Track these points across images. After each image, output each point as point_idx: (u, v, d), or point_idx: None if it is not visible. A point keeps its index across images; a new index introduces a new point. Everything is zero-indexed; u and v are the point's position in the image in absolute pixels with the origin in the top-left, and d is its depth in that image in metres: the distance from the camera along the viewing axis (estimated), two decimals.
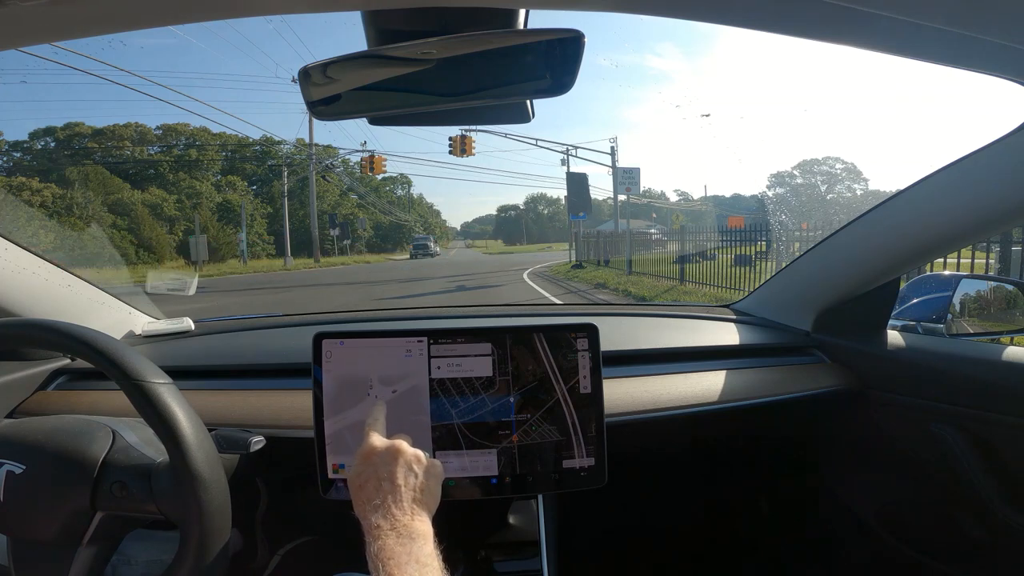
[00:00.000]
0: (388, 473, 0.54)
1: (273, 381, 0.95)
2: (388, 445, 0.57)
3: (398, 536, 0.49)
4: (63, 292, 0.98)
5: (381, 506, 0.52)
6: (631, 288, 9.10)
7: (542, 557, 0.81)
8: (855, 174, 41.81)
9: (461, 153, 13.31)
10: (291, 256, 22.76)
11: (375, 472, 0.55)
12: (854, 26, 0.48)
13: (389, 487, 0.53)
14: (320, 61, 0.58)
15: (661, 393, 0.92)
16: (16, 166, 28.09)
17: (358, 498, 0.54)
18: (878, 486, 1.10)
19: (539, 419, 0.74)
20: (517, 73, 0.59)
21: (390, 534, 0.49)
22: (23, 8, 0.42)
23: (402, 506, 0.52)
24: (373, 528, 0.50)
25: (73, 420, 0.66)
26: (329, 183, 35.32)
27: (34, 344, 0.65)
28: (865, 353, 1.04)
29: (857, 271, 1.00)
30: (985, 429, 0.89)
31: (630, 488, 1.15)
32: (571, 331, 0.76)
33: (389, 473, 0.54)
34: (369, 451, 0.57)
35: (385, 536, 0.49)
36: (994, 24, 0.45)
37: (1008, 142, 0.70)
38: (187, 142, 32.66)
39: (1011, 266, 4.34)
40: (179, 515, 0.58)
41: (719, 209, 41.92)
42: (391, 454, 0.56)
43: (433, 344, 0.73)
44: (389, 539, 0.48)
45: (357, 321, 1.25)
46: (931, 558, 1.00)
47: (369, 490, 0.53)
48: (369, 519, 0.51)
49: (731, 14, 0.49)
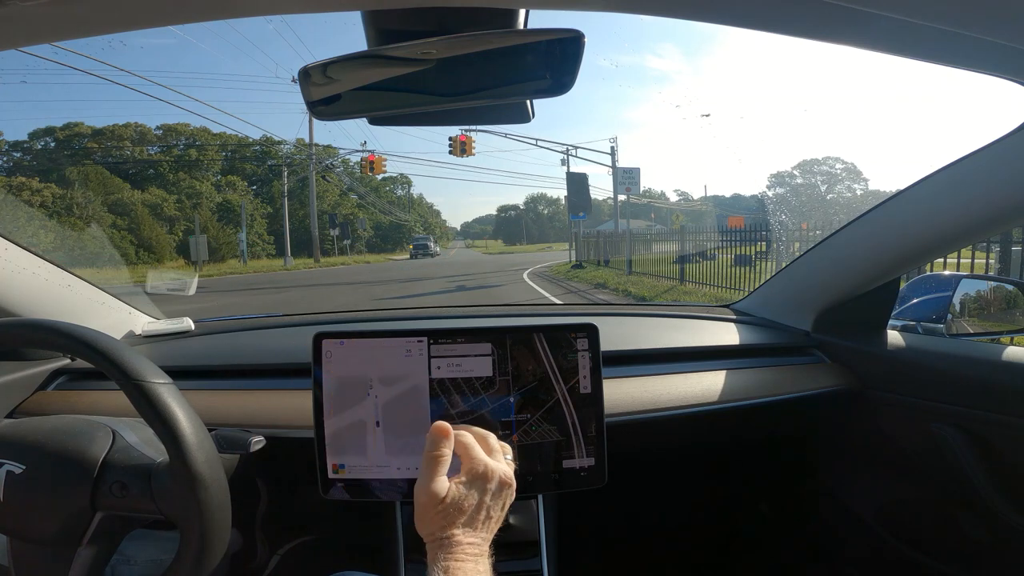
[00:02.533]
0: (496, 504, 0.55)
1: (273, 381, 0.95)
2: (504, 473, 0.56)
3: (476, 559, 0.50)
4: (63, 292, 0.98)
5: (472, 532, 0.52)
6: (631, 288, 9.10)
7: (542, 557, 0.81)
8: (855, 174, 41.84)
9: (461, 153, 13.29)
10: (291, 256, 22.76)
11: (483, 498, 0.54)
12: (854, 26, 0.48)
13: (486, 517, 0.53)
14: (320, 61, 0.58)
15: (661, 393, 0.92)
16: (16, 166, 28.10)
17: (453, 517, 0.52)
18: (878, 486, 1.10)
19: (539, 419, 0.74)
20: (517, 73, 0.59)
21: (468, 556, 0.50)
22: (23, 8, 0.42)
23: (487, 535, 0.53)
24: (454, 546, 0.50)
25: (73, 420, 0.66)
26: (329, 183, 35.34)
27: (34, 344, 0.64)
28: (865, 353, 1.04)
29: (857, 271, 1.00)
30: (985, 429, 0.89)
31: (630, 488, 1.15)
32: (571, 331, 0.76)
33: (496, 505, 0.55)
34: (485, 475, 0.55)
35: (465, 557, 0.49)
36: (994, 24, 0.45)
37: (1008, 142, 0.70)
38: (187, 142, 32.67)
39: (1011, 266, 4.34)
40: (179, 515, 0.58)
41: (719, 209, 41.94)
42: (503, 484, 0.56)
43: (433, 344, 0.73)
44: (468, 562, 0.49)
45: (357, 321, 1.25)
46: (931, 558, 1.00)
47: (468, 515, 0.53)
48: (455, 540, 0.51)
49: (731, 14, 0.49)
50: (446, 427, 0.57)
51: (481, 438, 0.59)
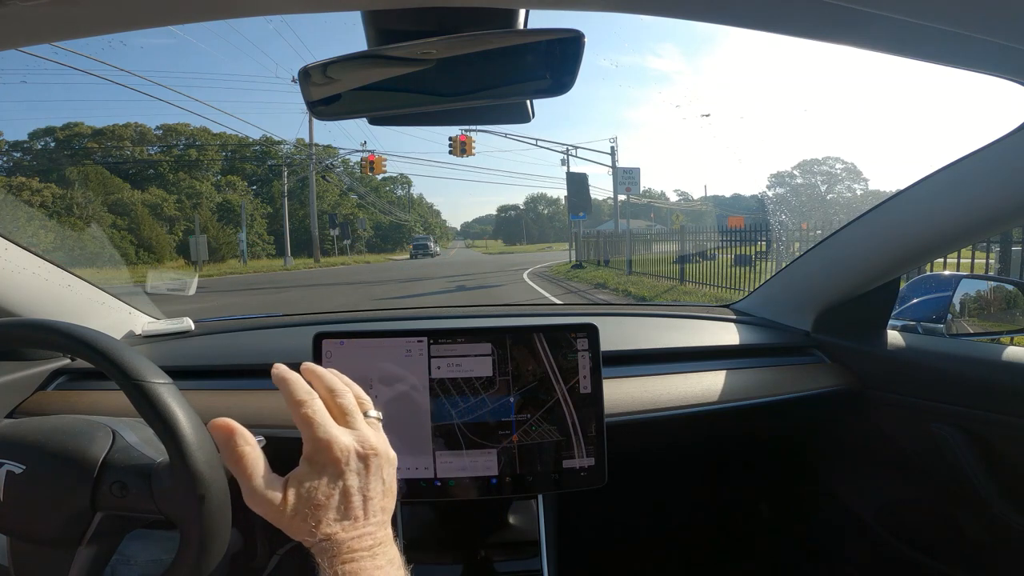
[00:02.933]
0: (368, 479, 0.44)
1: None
2: (359, 443, 0.44)
3: (371, 553, 0.42)
4: (63, 292, 0.98)
5: (350, 520, 0.42)
6: (631, 288, 9.11)
7: (542, 557, 0.81)
8: (855, 174, 41.86)
9: (461, 153, 13.30)
10: (291, 256, 22.77)
11: (343, 479, 0.43)
12: (854, 26, 0.48)
13: (363, 498, 0.43)
14: (320, 61, 0.58)
15: (661, 393, 0.92)
16: (16, 166, 28.12)
17: (304, 514, 0.42)
18: (878, 486, 1.10)
19: (539, 419, 0.74)
20: (517, 73, 0.59)
21: (358, 553, 0.41)
22: (23, 8, 0.42)
23: (375, 515, 0.44)
24: (337, 547, 0.41)
25: (73, 420, 0.66)
26: (329, 183, 35.37)
27: (34, 344, 0.64)
28: (865, 353, 1.04)
29: (857, 271, 1.00)
30: (985, 429, 0.89)
31: (630, 488, 1.15)
32: (571, 331, 0.76)
33: (369, 478, 0.44)
34: (332, 453, 0.43)
35: (354, 556, 0.41)
36: (994, 24, 0.45)
37: (1008, 142, 0.70)
38: (187, 142, 32.70)
39: (1011, 266, 4.34)
40: (179, 515, 0.58)
41: (719, 209, 42.00)
42: (362, 455, 0.44)
43: (433, 344, 0.73)
44: (363, 560, 0.41)
45: (357, 321, 1.25)
46: (931, 558, 1.00)
47: (331, 502, 0.42)
48: (332, 535, 0.41)
49: (731, 14, 0.49)
50: (224, 422, 0.46)
51: (330, 397, 0.47)
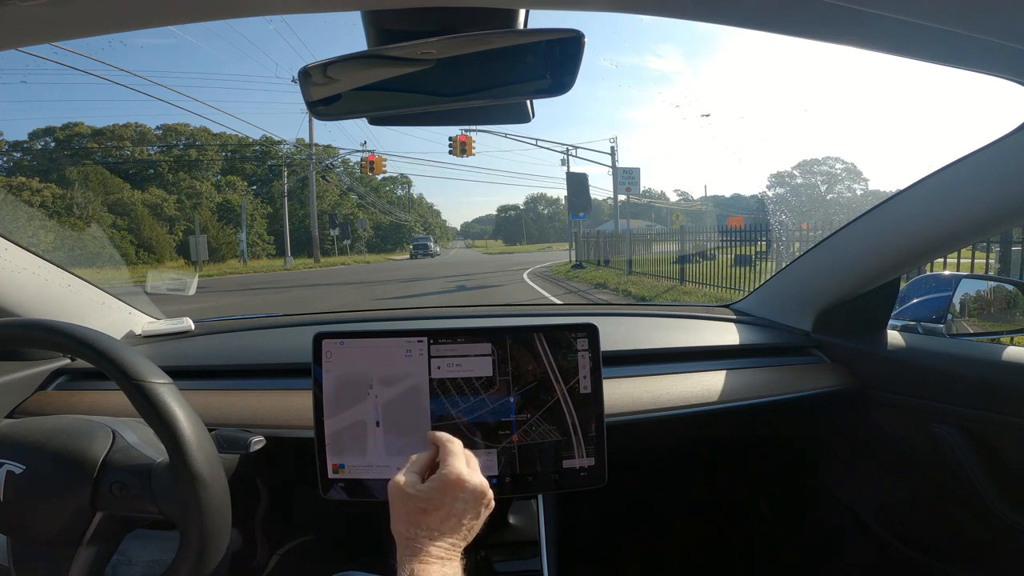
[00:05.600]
0: (466, 513, 0.54)
1: (273, 381, 0.95)
2: (478, 485, 0.56)
3: (442, 562, 0.50)
4: (63, 292, 0.98)
5: (440, 536, 0.52)
6: (631, 288, 9.10)
7: (542, 557, 0.81)
8: (855, 174, 41.85)
9: (461, 153, 13.29)
10: (291, 256, 22.76)
11: (453, 506, 0.53)
12: (854, 26, 0.48)
13: (455, 524, 0.53)
14: (320, 61, 0.58)
15: (661, 393, 0.92)
16: (16, 166, 28.13)
17: (417, 518, 0.52)
18: (878, 486, 1.10)
19: (539, 419, 0.74)
20: (517, 73, 0.59)
21: (434, 559, 0.50)
22: (23, 8, 0.42)
23: (459, 541, 0.53)
24: (421, 552, 0.50)
25: (73, 420, 0.66)
26: (329, 183, 35.38)
27: (34, 344, 0.64)
28: (865, 353, 1.04)
29: (857, 271, 1.00)
30: (985, 429, 0.89)
31: (630, 488, 1.15)
32: (571, 331, 0.76)
33: (467, 514, 0.54)
34: (456, 483, 0.54)
35: (430, 559, 0.50)
36: (994, 24, 0.45)
37: (1008, 142, 0.70)
38: (187, 142, 32.71)
39: (1011, 266, 4.34)
40: (179, 515, 0.58)
41: (719, 209, 42.01)
42: (476, 496, 0.55)
43: (433, 344, 0.73)
44: (433, 564, 0.49)
45: (357, 321, 1.25)
46: (931, 558, 1.00)
47: (435, 518, 0.52)
48: (420, 543, 0.51)
49: (731, 14, 0.49)
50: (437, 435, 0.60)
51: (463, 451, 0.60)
